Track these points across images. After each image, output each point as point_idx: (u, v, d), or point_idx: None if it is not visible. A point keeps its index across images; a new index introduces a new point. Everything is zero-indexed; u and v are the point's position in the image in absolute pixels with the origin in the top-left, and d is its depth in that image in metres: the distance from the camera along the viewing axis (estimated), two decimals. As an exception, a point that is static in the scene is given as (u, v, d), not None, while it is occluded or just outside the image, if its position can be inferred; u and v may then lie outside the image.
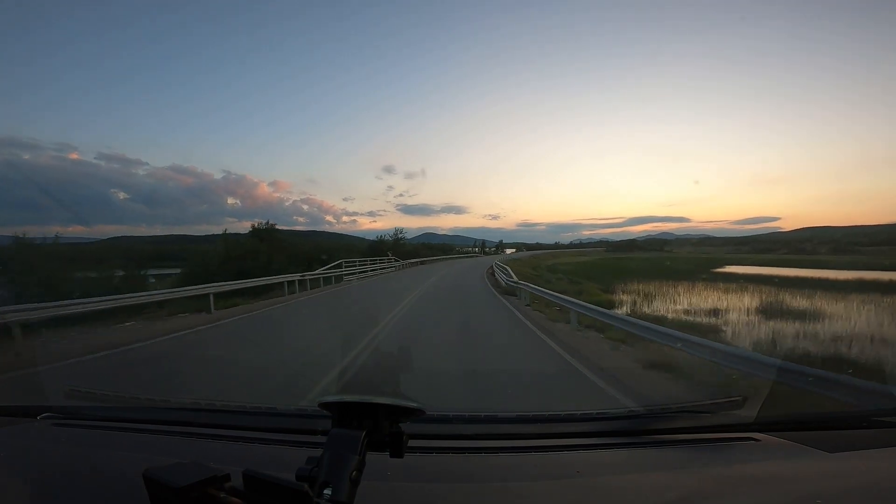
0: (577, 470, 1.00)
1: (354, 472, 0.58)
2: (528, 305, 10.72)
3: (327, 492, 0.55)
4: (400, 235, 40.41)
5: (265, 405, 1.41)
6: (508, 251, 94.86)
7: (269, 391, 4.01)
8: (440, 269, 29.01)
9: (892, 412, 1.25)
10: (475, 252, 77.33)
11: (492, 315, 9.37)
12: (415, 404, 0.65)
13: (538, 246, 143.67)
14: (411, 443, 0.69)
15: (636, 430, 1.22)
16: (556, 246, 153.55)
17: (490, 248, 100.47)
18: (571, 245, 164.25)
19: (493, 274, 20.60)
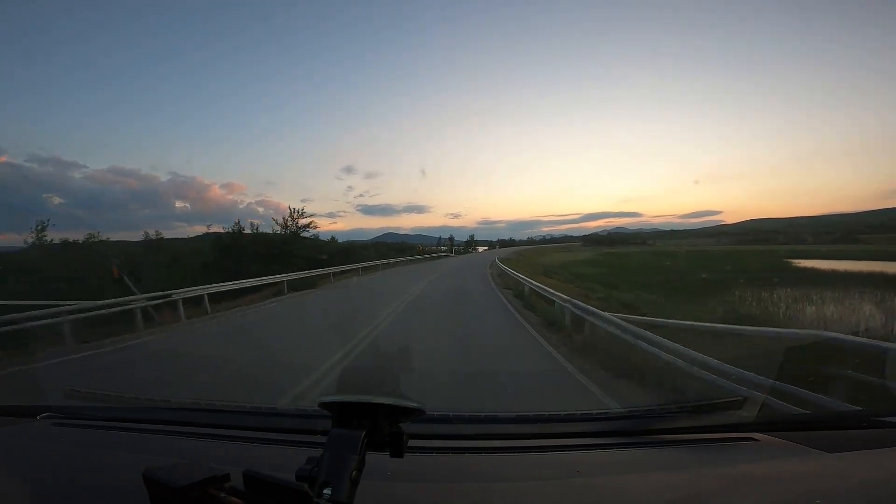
0: (577, 470, 1.00)
1: (354, 472, 0.58)
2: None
3: (327, 492, 0.55)
4: (300, 221, 20.94)
5: (265, 405, 1.41)
6: (481, 249, 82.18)
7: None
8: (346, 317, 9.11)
9: (892, 412, 1.25)
10: (443, 251, 60.49)
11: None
12: (415, 404, 0.65)
13: (512, 242, 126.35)
14: (411, 443, 0.69)
15: (636, 430, 1.22)
16: (530, 242, 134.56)
17: (458, 247, 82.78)
18: (545, 241, 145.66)
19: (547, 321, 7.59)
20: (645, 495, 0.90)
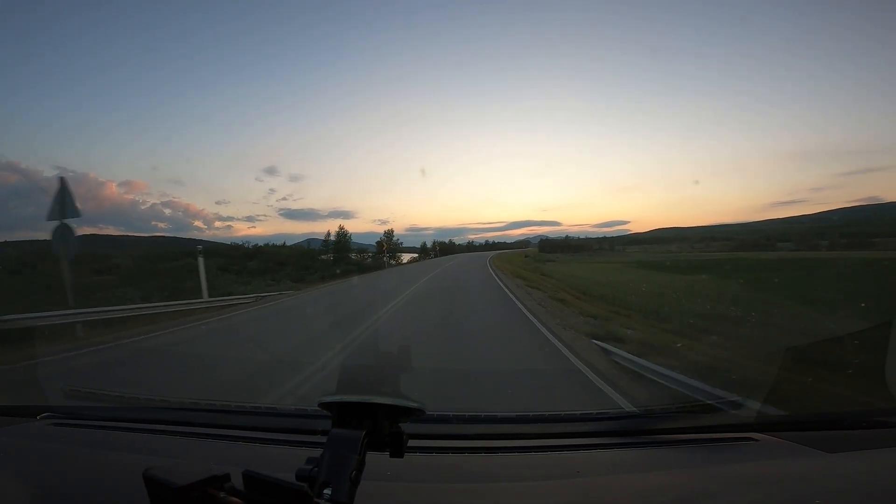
0: (577, 470, 1.00)
1: (354, 472, 0.58)
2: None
3: (327, 492, 0.55)
4: None
5: (265, 405, 1.41)
6: (406, 258, 53.47)
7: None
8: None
9: (892, 412, 1.25)
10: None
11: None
12: (415, 404, 0.65)
13: (453, 247, 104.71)
14: (411, 443, 0.69)
15: (636, 430, 1.22)
16: (470, 247, 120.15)
17: (364, 255, 47.34)
18: (488, 245, 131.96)
19: None
20: (645, 495, 0.90)
